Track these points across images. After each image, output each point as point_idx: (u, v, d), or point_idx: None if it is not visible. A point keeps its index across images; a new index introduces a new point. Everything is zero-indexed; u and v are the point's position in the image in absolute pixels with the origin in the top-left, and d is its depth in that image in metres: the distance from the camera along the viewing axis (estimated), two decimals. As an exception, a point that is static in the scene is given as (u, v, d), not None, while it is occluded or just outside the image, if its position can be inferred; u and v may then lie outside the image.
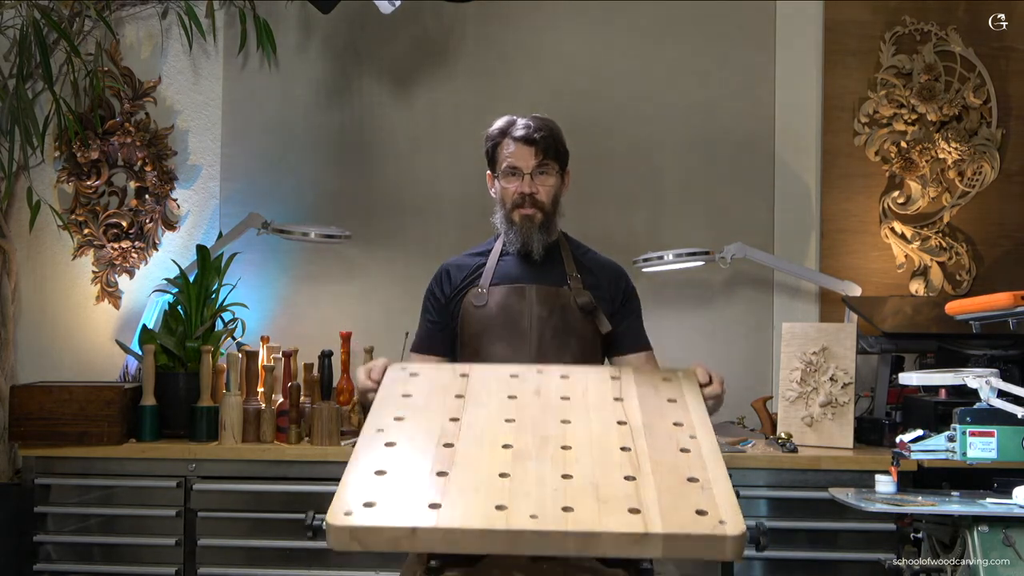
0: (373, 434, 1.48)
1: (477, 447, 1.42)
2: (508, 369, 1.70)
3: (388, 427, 1.50)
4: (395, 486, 1.34)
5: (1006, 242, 3.17)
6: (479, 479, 1.34)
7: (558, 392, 1.61)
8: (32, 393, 2.73)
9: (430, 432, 1.47)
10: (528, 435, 1.46)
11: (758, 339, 3.18)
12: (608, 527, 1.23)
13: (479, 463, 1.38)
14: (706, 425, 1.53)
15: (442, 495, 1.29)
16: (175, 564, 2.68)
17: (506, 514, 1.25)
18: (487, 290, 2.03)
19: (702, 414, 1.57)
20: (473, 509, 1.26)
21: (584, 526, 1.23)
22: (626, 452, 1.42)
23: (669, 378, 1.69)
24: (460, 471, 1.36)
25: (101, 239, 3.22)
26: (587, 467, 1.37)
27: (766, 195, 3.20)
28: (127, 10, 3.25)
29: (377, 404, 1.59)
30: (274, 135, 3.28)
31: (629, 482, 1.33)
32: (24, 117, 2.90)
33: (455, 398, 1.58)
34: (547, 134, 2.03)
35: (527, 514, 1.25)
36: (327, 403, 2.74)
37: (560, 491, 1.31)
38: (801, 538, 2.61)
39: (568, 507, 1.27)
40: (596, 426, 1.50)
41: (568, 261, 2.08)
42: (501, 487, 1.32)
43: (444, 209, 3.24)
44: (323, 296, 3.25)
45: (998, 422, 1.97)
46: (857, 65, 3.20)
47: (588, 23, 3.25)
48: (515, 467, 1.37)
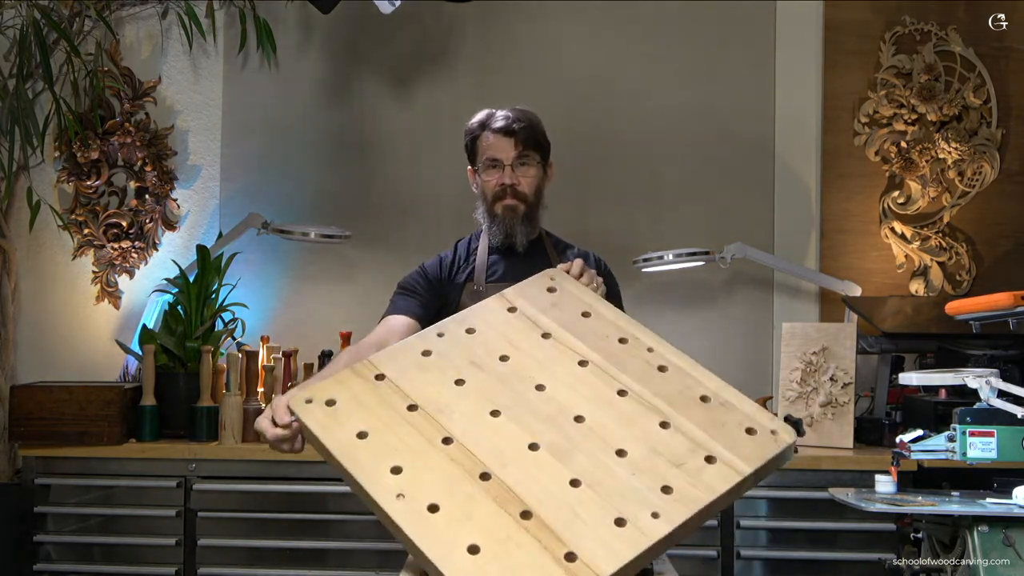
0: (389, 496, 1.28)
1: (508, 460, 1.30)
2: (420, 345, 1.52)
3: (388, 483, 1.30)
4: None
5: (1006, 242, 3.17)
6: (550, 505, 1.24)
7: (491, 352, 1.48)
8: (32, 393, 2.73)
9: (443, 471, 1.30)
10: (535, 425, 1.36)
11: (758, 339, 3.18)
12: (715, 489, 1.28)
13: (535, 484, 1.27)
14: (637, 325, 1.56)
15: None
16: (175, 564, 2.68)
17: (628, 530, 1.21)
18: (484, 287, 2.02)
19: (619, 314, 1.58)
20: (593, 539, 1.20)
21: (700, 499, 1.26)
22: (628, 397, 1.41)
23: (553, 287, 1.63)
24: (532, 504, 1.24)
25: (101, 239, 3.22)
26: (624, 434, 1.35)
27: (766, 195, 3.20)
28: (127, 10, 3.25)
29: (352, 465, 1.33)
30: (274, 135, 3.28)
31: (669, 431, 1.36)
32: (24, 117, 2.90)
33: (407, 410, 1.39)
34: (526, 125, 2.01)
35: (649, 513, 1.24)
36: (327, 403, 2.74)
37: (637, 475, 1.29)
38: (801, 538, 2.61)
39: (666, 487, 1.27)
40: (573, 380, 1.44)
41: (553, 256, 2.07)
42: (576, 500, 1.25)
43: (444, 209, 3.24)
44: (323, 296, 3.25)
45: (998, 422, 1.97)
46: (857, 65, 3.20)
47: (588, 23, 3.25)
48: (574, 468, 1.29)
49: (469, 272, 2.06)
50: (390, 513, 1.25)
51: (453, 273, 2.07)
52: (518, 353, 1.49)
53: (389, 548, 2.63)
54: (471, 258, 2.09)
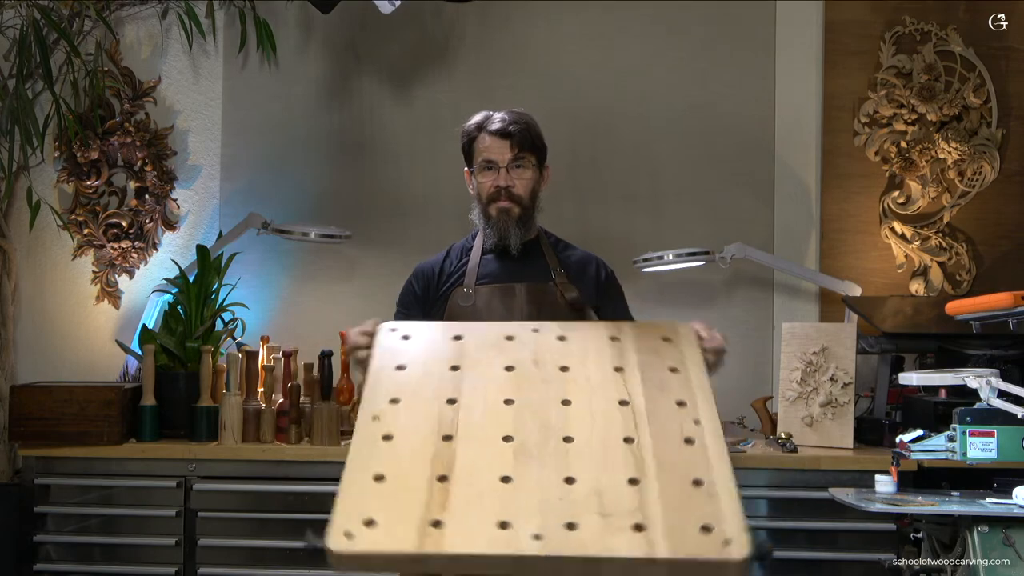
0: (369, 423, 1.44)
1: (477, 442, 1.39)
2: (503, 330, 1.64)
3: (383, 414, 1.46)
4: (396, 496, 1.30)
5: (1006, 242, 3.17)
6: (478, 486, 1.31)
7: (557, 359, 1.55)
8: (32, 393, 2.73)
9: (428, 419, 1.43)
10: (528, 423, 1.42)
11: (758, 339, 3.18)
12: (613, 550, 1.20)
13: (480, 463, 1.35)
14: (708, 401, 1.49)
15: (444, 508, 1.27)
16: (175, 564, 2.68)
17: (510, 535, 1.23)
18: (473, 289, 2.02)
19: (704, 386, 1.53)
20: (477, 528, 1.24)
21: (589, 549, 1.20)
22: (629, 445, 1.38)
23: (670, 337, 1.62)
24: (461, 475, 1.33)
25: (101, 239, 3.22)
26: (590, 467, 1.33)
27: (766, 195, 3.20)
28: (127, 10, 3.25)
29: (371, 381, 1.54)
30: (274, 135, 3.27)
31: (633, 487, 1.30)
32: (24, 117, 2.90)
33: (450, 370, 1.53)
34: (523, 127, 2.02)
35: (531, 534, 1.22)
36: (327, 403, 2.74)
37: (564, 501, 1.27)
38: (801, 538, 2.61)
39: (572, 523, 1.24)
40: (598, 409, 1.45)
41: (550, 257, 2.07)
42: (503, 495, 1.29)
43: (444, 209, 3.23)
44: (323, 296, 3.25)
45: (998, 422, 1.97)
46: (857, 65, 3.20)
47: (588, 23, 3.25)
48: (517, 468, 1.33)
49: (461, 274, 2.06)
50: (356, 431, 1.43)
51: (442, 281, 2.08)
52: (578, 370, 1.53)
53: (389, 548, 2.63)
54: (464, 260, 2.09)
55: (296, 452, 2.70)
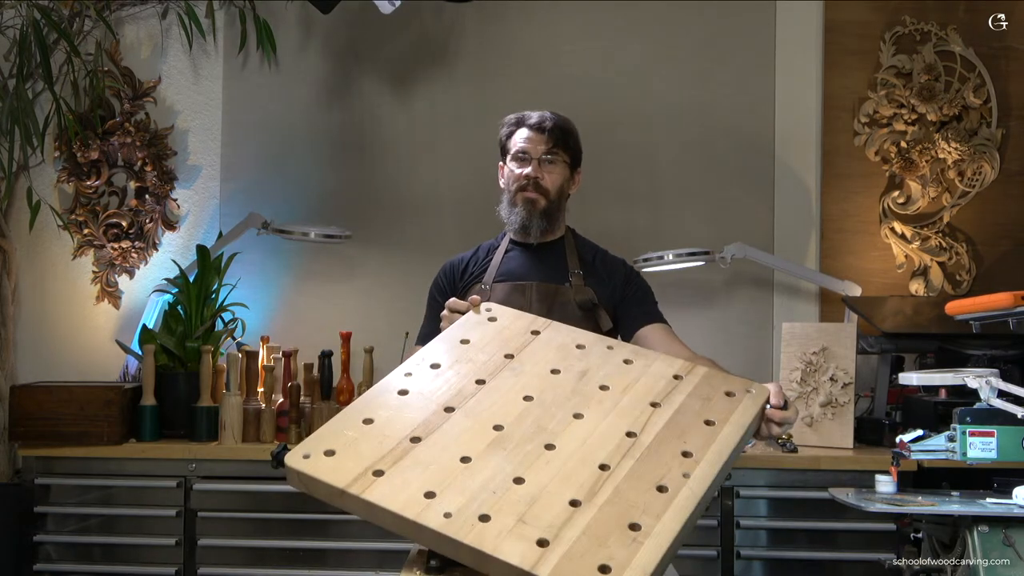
0: (399, 376, 1.51)
1: (469, 421, 1.42)
2: (578, 337, 1.65)
3: (417, 372, 1.53)
4: (367, 440, 1.37)
5: (1006, 242, 3.17)
6: (438, 456, 1.34)
7: (604, 378, 1.54)
8: (32, 393, 2.73)
9: (446, 390, 1.48)
10: (528, 421, 1.42)
11: (758, 339, 3.18)
12: (502, 552, 1.18)
13: (455, 439, 1.38)
14: (715, 462, 1.39)
15: (394, 464, 1.32)
16: (175, 564, 2.68)
17: (427, 504, 1.25)
18: (490, 287, 2.07)
19: (727, 446, 1.42)
20: (404, 490, 1.28)
21: (481, 543, 1.19)
22: (602, 471, 1.34)
23: (733, 392, 1.54)
24: (432, 441, 1.37)
25: (101, 239, 3.22)
26: (547, 476, 1.32)
27: (766, 195, 3.20)
28: (127, 10, 3.25)
29: (433, 343, 1.62)
30: (274, 135, 3.28)
31: (570, 508, 1.26)
32: (24, 117, 2.90)
33: (504, 357, 1.57)
34: (559, 125, 2.11)
35: (444, 511, 1.24)
36: (327, 403, 2.75)
37: (497, 496, 1.27)
38: (801, 538, 2.61)
39: (486, 516, 1.23)
40: (601, 431, 1.42)
41: (572, 258, 2.11)
42: (450, 471, 1.31)
43: (444, 209, 3.24)
44: (323, 296, 3.25)
45: (998, 422, 1.97)
46: (857, 65, 3.20)
47: (588, 23, 3.25)
48: (483, 454, 1.35)
49: (483, 271, 2.14)
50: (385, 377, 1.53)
51: (465, 276, 2.15)
52: (616, 392, 1.51)
53: (389, 548, 2.63)
54: (489, 257, 2.16)
55: (296, 452, 2.69)
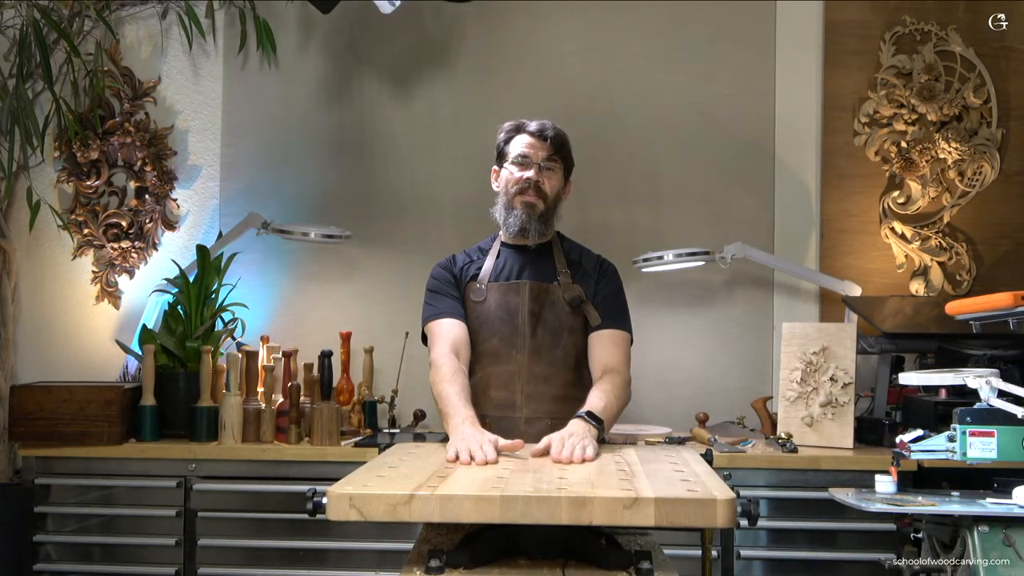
0: (403, 449, 1.82)
1: (478, 470, 1.59)
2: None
3: (420, 448, 1.83)
4: (401, 473, 1.49)
5: (1006, 242, 3.17)
6: (478, 474, 1.53)
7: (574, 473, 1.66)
8: (32, 393, 2.73)
9: (438, 464, 1.66)
10: (526, 464, 1.64)
11: (758, 339, 3.18)
12: (600, 493, 1.30)
13: (479, 470, 1.58)
14: (701, 462, 1.71)
15: (440, 480, 1.42)
16: (175, 564, 2.68)
17: (503, 484, 1.38)
18: (485, 286, 2.16)
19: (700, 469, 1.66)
20: (470, 483, 1.41)
21: (577, 493, 1.31)
22: (620, 465, 1.61)
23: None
24: (462, 470, 1.57)
25: (101, 239, 3.22)
26: (582, 472, 1.55)
27: (766, 195, 3.20)
28: (127, 10, 3.25)
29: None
30: (274, 135, 3.27)
31: (622, 473, 1.49)
32: (24, 117, 2.90)
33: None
34: (559, 135, 2.20)
35: (522, 487, 1.36)
36: (327, 403, 2.74)
37: (556, 480, 1.44)
38: (801, 538, 2.61)
39: (563, 481, 1.41)
40: (591, 465, 1.66)
41: (559, 258, 2.20)
42: (500, 475, 1.49)
43: (444, 209, 3.24)
44: (323, 296, 3.25)
45: (998, 422, 1.97)
46: (857, 65, 3.20)
47: (588, 23, 3.25)
48: (513, 473, 1.53)
49: (478, 270, 2.20)
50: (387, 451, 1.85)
51: (463, 274, 2.22)
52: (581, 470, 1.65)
53: (389, 548, 2.63)
54: (483, 258, 2.23)
55: (296, 452, 2.70)
